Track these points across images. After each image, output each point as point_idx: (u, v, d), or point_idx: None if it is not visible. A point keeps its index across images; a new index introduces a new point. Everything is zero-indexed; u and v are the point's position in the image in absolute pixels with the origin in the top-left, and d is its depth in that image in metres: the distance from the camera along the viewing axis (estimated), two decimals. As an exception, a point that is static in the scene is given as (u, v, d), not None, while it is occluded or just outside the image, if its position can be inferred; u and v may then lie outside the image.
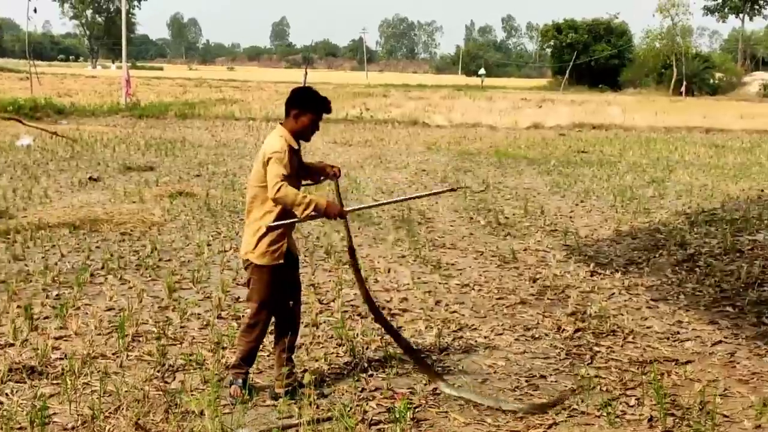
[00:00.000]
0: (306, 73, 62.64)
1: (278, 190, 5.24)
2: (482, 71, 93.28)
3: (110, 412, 5.14)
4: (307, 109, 5.51)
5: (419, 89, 64.62)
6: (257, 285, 5.57)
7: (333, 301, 7.98)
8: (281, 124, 5.59)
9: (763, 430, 5.22)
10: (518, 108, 42.17)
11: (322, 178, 5.78)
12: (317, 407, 5.38)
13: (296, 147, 5.52)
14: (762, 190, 16.54)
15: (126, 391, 5.48)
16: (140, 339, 6.71)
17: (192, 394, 5.46)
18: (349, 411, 5.28)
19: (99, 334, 6.81)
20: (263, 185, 5.38)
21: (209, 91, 50.62)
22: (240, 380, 5.60)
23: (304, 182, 5.71)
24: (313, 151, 21.35)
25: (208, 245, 10.15)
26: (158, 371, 6.00)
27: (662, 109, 44.76)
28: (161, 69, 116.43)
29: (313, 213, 5.32)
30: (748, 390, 6.07)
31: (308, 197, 5.29)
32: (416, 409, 5.49)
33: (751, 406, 5.67)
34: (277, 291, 5.57)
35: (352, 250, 5.99)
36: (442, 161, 20.30)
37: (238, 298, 8.02)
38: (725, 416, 5.51)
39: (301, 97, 5.56)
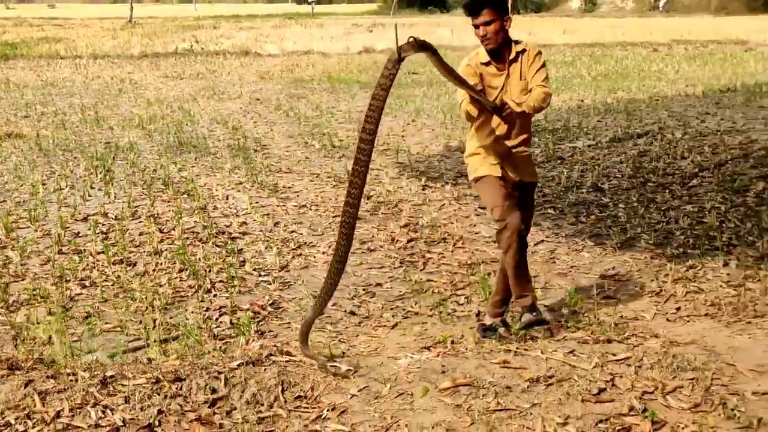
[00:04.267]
0: (132, 8, 60.98)
1: (460, 108, 5.15)
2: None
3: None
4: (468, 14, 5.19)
5: (249, 20, 63.74)
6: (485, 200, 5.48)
7: (173, 229, 8.11)
8: None
9: (576, 316, 5.72)
10: (350, 34, 42.24)
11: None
12: (163, 328, 5.59)
13: (484, 60, 5.21)
14: (582, 101, 17.37)
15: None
16: (-20, 279, 6.73)
17: (38, 324, 5.58)
18: (195, 328, 5.51)
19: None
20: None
21: (30, 31, 48.51)
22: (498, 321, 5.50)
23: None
24: (145, 86, 21.14)
25: (43, 184, 10.06)
26: (2, 307, 6.06)
27: (489, 28, 45.62)
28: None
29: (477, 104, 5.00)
30: (566, 282, 6.62)
31: (464, 105, 5.06)
32: (260, 322, 5.77)
33: (568, 295, 6.19)
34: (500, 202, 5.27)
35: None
36: (275, 89, 20.38)
37: (78, 233, 8.08)
38: (545, 306, 6.01)
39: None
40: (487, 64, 5.24)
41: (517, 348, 4.88)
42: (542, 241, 7.81)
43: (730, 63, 25.31)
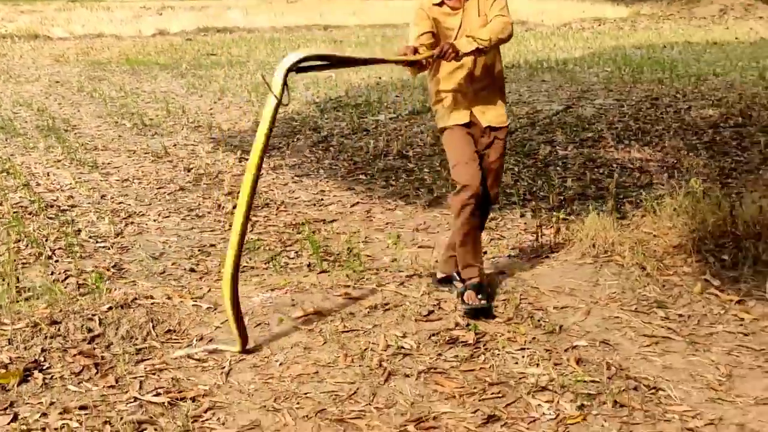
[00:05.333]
0: None
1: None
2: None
3: None
4: None
5: (30, 2, 61.53)
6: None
7: (1, 204, 8.28)
8: None
9: (397, 261, 6.43)
10: (139, 17, 41.74)
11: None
12: (15, 291, 5.89)
13: (437, 0, 4.95)
14: (380, 78, 18.23)
15: None
16: None
17: None
18: (47, 288, 5.84)
19: None
20: None
21: None
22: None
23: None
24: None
25: None
26: None
27: (281, 10, 46.15)
28: None
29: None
30: (384, 236, 7.30)
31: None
32: (107, 281, 6.15)
33: (387, 246, 6.90)
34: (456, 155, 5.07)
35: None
36: (74, 72, 20.17)
37: None
38: (368, 255, 6.68)
39: None
40: (440, 4, 4.98)
41: (355, 284, 5.53)
42: (358, 203, 8.48)
43: (514, 42, 26.85)
